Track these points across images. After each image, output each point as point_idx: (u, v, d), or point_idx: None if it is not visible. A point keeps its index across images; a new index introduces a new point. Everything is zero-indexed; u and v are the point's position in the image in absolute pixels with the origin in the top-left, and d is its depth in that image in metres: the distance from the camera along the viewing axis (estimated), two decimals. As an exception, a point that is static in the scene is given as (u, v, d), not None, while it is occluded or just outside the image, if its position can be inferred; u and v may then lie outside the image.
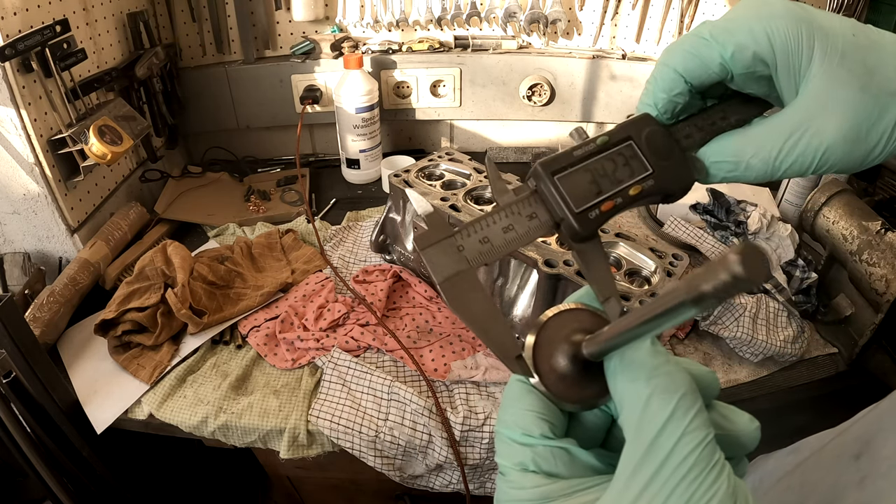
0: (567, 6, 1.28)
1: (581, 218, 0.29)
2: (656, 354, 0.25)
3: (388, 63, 1.31)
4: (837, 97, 0.29)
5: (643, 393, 0.24)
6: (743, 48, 0.29)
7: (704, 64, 0.30)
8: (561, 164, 0.29)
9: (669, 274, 0.72)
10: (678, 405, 0.23)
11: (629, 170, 0.30)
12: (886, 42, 0.30)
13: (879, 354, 0.80)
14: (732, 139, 0.31)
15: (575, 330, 0.28)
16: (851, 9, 1.11)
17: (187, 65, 1.31)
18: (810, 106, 0.29)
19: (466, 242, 0.28)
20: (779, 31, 0.29)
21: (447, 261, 0.27)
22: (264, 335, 0.87)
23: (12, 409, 0.70)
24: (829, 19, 0.29)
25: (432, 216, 0.29)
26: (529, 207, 0.29)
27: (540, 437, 0.27)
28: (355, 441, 0.74)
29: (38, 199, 0.93)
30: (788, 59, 0.29)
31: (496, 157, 1.43)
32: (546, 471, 0.26)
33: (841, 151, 0.29)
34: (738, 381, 0.82)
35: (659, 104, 0.32)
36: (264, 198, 1.24)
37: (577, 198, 0.29)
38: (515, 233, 0.28)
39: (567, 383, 0.27)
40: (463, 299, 0.28)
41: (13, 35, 0.82)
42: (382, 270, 0.98)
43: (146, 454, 0.95)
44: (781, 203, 1.13)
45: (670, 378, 0.24)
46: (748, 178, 0.31)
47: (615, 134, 0.31)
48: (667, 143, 0.31)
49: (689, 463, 0.22)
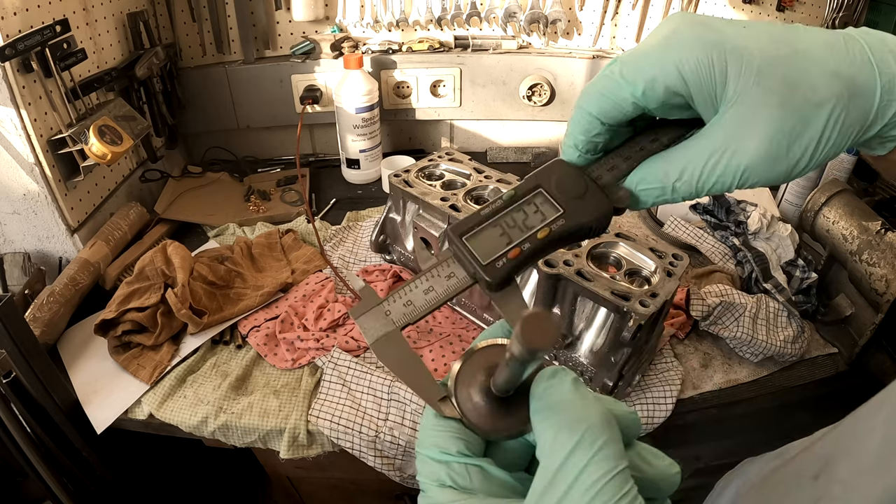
0: (567, 6, 1.28)
1: (489, 269, 0.31)
2: (574, 392, 0.27)
3: (388, 63, 1.31)
4: (755, 117, 0.28)
5: (554, 425, 0.26)
6: (653, 84, 0.29)
7: (617, 104, 0.30)
8: (469, 224, 0.32)
9: (669, 274, 0.72)
10: (585, 435, 0.25)
11: (540, 215, 0.32)
12: (813, 48, 0.28)
13: (879, 354, 0.80)
14: (656, 165, 0.31)
15: (494, 364, 0.30)
16: (851, 9, 1.11)
17: (187, 65, 1.31)
18: (728, 127, 0.29)
19: (392, 307, 0.31)
20: (688, 62, 0.28)
21: (376, 325, 0.31)
22: (264, 335, 0.87)
23: (12, 409, 0.70)
24: (744, 37, 0.28)
25: (364, 290, 0.32)
26: (448, 269, 0.32)
27: (456, 455, 0.28)
28: (355, 441, 0.74)
29: (38, 199, 0.93)
30: (701, 87, 0.29)
31: (496, 156, 1.43)
32: (462, 486, 0.27)
33: (761, 169, 0.29)
34: (738, 381, 0.82)
35: (579, 145, 0.32)
36: (264, 198, 1.24)
37: (486, 252, 0.31)
38: (435, 293, 0.32)
39: (485, 416, 0.29)
40: (390, 356, 0.31)
41: (13, 35, 0.82)
42: (382, 270, 0.98)
43: (146, 454, 0.95)
44: (781, 203, 1.13)
45: (582, 412, 0.26)
46: (676, 199, 0.32)
47: (523, 185, 0.33)
48: (579, 182, 0.32)
49: (595, 491, 0.23)
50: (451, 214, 0.84)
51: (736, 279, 0.95)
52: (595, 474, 0.24)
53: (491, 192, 0.91)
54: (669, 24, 0.30)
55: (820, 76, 0.28)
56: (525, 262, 0.32)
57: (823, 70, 0.28)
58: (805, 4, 1.20)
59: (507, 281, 0.31)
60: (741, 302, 0.84)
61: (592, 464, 0.24)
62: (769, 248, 0.98)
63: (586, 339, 0.75)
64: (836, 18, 1.13)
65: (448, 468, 0.28)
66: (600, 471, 0.24)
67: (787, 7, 1.21)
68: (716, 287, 0.87)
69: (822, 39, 0.29)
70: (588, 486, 0.24)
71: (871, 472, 0.30)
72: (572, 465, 0.24)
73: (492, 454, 0.30)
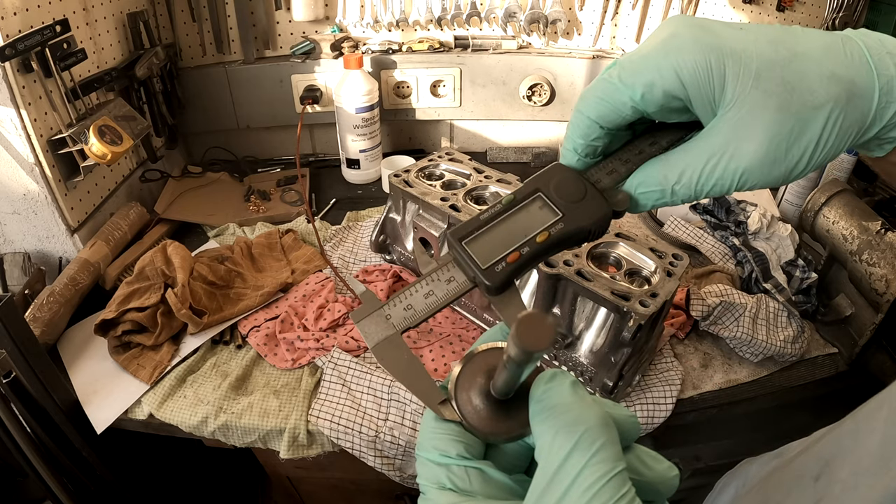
0: (567, 6, 1.28)
1: (489, 273, 0.31)
2: (573, 395, 0.27)
3: (388, 63, 1.31)
4: (753, 120, 0.28)
5: (552, 427, 0.26)
6: (652, 88, 0.29)
7: (616, 108, 0.30)
8: (468, 229, 0.32)
9: (669, 274, 0.72)
10: (582, 437, 0.25)
11: (539, 219, 0.32)
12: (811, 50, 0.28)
13: (879, 354, 0.80)
14: (655, 168, 0.31)
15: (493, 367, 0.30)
16: (851, 9, 1.11)
17: (187, 65, 1.31)
18: (726, 130, 0.29)
19: (393, 312, 0.32)
20: (686, 65, 0.28)
21: (377, 329, 0.32)
22: (264, 335, 0.87)
23: (12, 409, 0.70)
24: (742, 40, 0.28)
25: (365, 294, 0.33)
26: (448, 273, 0.33)
27: (456, 457, 0.28)
28: (355, 441, 0.74)
29: (38, 199, 0.93)
30: (700, 91, 0.29)
31: (496, 156, 1.43)
32: (462, 488, 0.28)
33: (760, 172, 0.29)
34: (738, 381, 0.82)
35: (578, 149, 0.32)
36: (264, 198, 1.24)
37: (485, 256, 0.31)
38: (435, 297, 0.32)
39: (485, 418, 0.30)
40: (391, 359, 0.32)
41: (13, 35, 0.82)
42: (382, 270, 0.98)
43: (146, 454, 0.95)
44: (781, 203, 1.13)
45: (580, 414, 0.26)
46: (675, 202, 0.32)
47: (522, 190, 0.33)
48: (578, 185, 0.33)
49: (592, 492, 0.24)
50: (451, 214, 0.84)
51: (736, 279, 0.95)
52: (593, 476, 0.24)
53: (491, 193, 0.91)
54: (668, 28, 0.30)
55: (818, 79, 0.28)
56: (524, 265, 0.32)
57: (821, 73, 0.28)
58: (805, 4, 1.20)
59: (506, 284, 0.32)
60: (741, 302, 0.84)
61: (590, 465, 0.24)
62: (769, 248, 0.98)
63: (586, 339, 0.75)
64: (835, 18, 1.13)
65: (448, 471, 0.28)
66: (598, 472, 0.24)
67: (787, 7, 1.21)
68: (716, 287, 0.87)
69: (821, 42, 0.29)
70: (586, 488, 0.24)
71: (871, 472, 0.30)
72: (570, 467, 0.24)
73: (491, 457, 0.30)
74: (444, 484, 0.28)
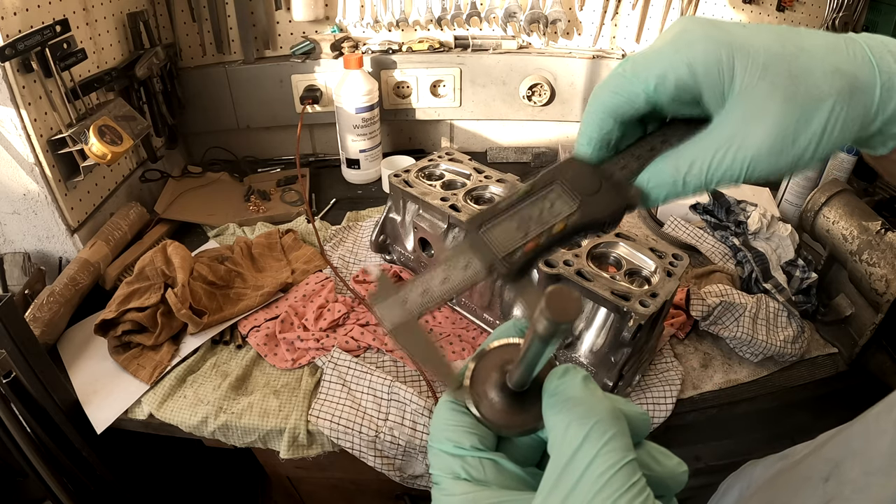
0: (567, 6, 1.28)
1: (506, 261, 0.32)
2: (585, 388, 0.28)
3: (388, 63, 1.31)
4: (760, 109, 0.29)
5: (565, 419, 0.27)
6: (664, 79, 0.30)
7: (629, 100, 0.31)
8: (486, 216, 0.33)
9: (669, 274, 0.72)
10: (593, 429, 0.26)
11: (556, 210, 0.33)
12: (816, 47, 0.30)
13: (879, 354, 0.80)
14: (667, 161, 0.32)
15: (507, 362, 0.31)
16: (851, 9, 1.11)
17: (187, 65, 1.31)
18: (734, 120, 0.30)
19: (409, 296, 0.32)
20: (698, 59, 0.29)
21: (394, 313, 0.32)
22: (264, 335, 0.87)
23: (12, 409, 0.70)
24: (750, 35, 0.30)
25: (381, 277, 0.33)
26: (464, 259, 0.33)
27: (470, 449, 0.29)
28: (355, 441, 0.74)
29: (38, 199, 0.93)
30: (710, 82, 0.30)
31: (496, 156, 1.43)
32: (476, 479, 0.28)
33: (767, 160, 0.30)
34: (738, 381, 0.82)
35: (592, 143, 0.33)
36: (264, 198, 1.24)
37: (503, 243, 0.32)
38: (451, 282, 0.33)
39: (500, 412, 0.31)
40: (409, 342, 0.32)
41: (13, 35, 0.82)
42: (382, 270, 0.98)
43: (146, 454, 0.95)
44: (781, 203, 1.13)
45: (591, 407, 0.27)
46: (686, 193, 0.32)
47: (539, 181, 0.34)
48: (593, 178, 0.33)
49: (603, 481, 0.24)
50: (451, 214, 0.84)
51: (736, 279, 0.95)
52: (604, 464, 0.25)
53: (491, 193, 0.91)
54: (678, 25, 0.31)
55: (822, 73, 0.29)
56: (541, 254, 0.33)
57: (826, 67, 0.29)
58: (805, 4, 1.20)
59: (523, 272, 0.32)
60: (741, 302, 0.84)
61: (600, 455, 0.25)
62: (769, 248, 0.98)
63: (586, 339, 0.75)
64: (836, 19, 1.13)
65: (463, 461, 0.29)
66: (609, 461, 0.25)
67: (787, 7, 1.21)
68: (716, 287, 0.87)
69: (825, 41, 0.30)
70: (598, 475, 0.25)
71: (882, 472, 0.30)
72: (581, 457, 0.25)
73: (503, 450, 0.31)
74: (458, 474, 0.29)
